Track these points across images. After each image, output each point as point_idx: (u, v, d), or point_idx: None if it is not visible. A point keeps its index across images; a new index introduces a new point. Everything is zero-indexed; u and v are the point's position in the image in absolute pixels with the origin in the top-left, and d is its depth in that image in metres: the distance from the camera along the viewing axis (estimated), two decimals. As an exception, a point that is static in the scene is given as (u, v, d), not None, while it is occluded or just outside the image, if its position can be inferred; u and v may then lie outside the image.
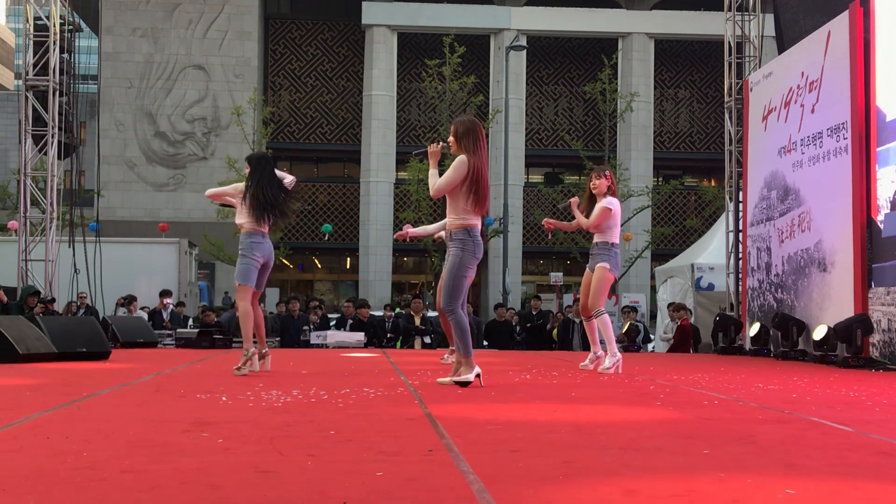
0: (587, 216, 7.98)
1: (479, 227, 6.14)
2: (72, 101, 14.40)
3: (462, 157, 5.96)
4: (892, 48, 9.51)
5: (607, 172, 8.04)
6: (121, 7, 31.40)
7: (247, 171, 7.42)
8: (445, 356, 8.84)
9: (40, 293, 13.64)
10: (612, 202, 7.89)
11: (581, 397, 5.56)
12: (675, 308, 15.20)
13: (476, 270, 6.21)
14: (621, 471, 2.95)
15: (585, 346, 15.26)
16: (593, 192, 7.99)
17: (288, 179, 7.48)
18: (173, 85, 31.45)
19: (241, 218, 7.30)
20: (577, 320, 15.54)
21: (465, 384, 5.88)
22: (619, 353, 7.81)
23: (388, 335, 14.82)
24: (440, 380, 6.05)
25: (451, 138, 6.12)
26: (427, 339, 14.57)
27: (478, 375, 5.94)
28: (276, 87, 33.09)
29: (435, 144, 6.25)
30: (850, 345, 9.35)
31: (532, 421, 4.30)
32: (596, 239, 8.03)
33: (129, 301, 15.72)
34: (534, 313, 16.52)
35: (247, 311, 7.19)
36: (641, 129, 31.53)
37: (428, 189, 7.85)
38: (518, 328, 16.88)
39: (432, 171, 6.10)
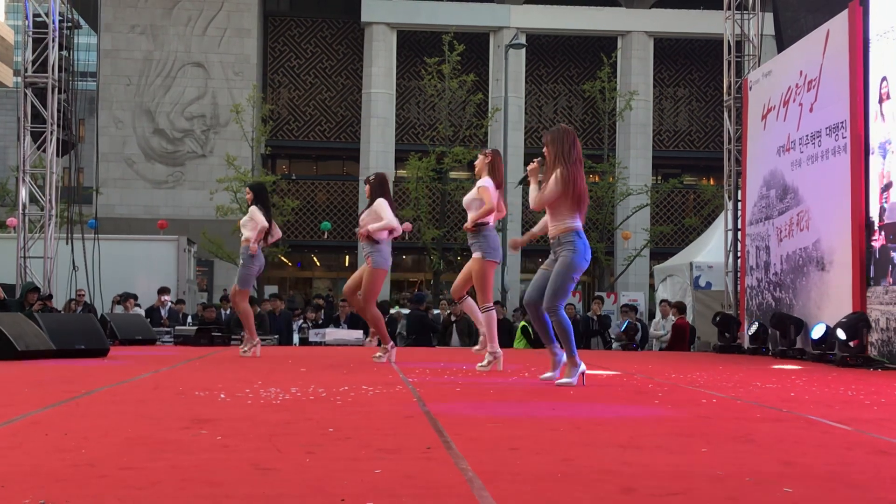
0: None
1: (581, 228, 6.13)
2: (71, 98, 14.36)
3: (559, 172, 6.00)
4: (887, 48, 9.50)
5: (487, 151, 7.52)
6: (120, 4, 31.32)
7: (248, 195, 9.34)
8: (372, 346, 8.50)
9: (40, 290, 13.62)
10: (486, 180, 7.33)
11: (579, 395, 5.56)
12: (674, 306, 15.21)
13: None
14: (620, 469, 2.96)
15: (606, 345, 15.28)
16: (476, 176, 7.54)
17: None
18: (172, 82, 31.37)
19: (250, 233, 9.01)
20: (595, 317, 15.54)
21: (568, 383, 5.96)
22: (499, 350, 7.37)
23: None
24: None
25: (544, 149, 6.19)
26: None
27: (582, 373, 6.05)
28: (276, 84, 33.04)
29: (534, 162, 6.32)
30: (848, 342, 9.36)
31: (531, 418, 4.31)
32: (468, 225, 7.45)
33: (124, 298, 15.70)
34: None
35: (247, 310, 9.33)
36: (640, 127, 31.49)
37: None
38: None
39: (533, 187, 6.23)
